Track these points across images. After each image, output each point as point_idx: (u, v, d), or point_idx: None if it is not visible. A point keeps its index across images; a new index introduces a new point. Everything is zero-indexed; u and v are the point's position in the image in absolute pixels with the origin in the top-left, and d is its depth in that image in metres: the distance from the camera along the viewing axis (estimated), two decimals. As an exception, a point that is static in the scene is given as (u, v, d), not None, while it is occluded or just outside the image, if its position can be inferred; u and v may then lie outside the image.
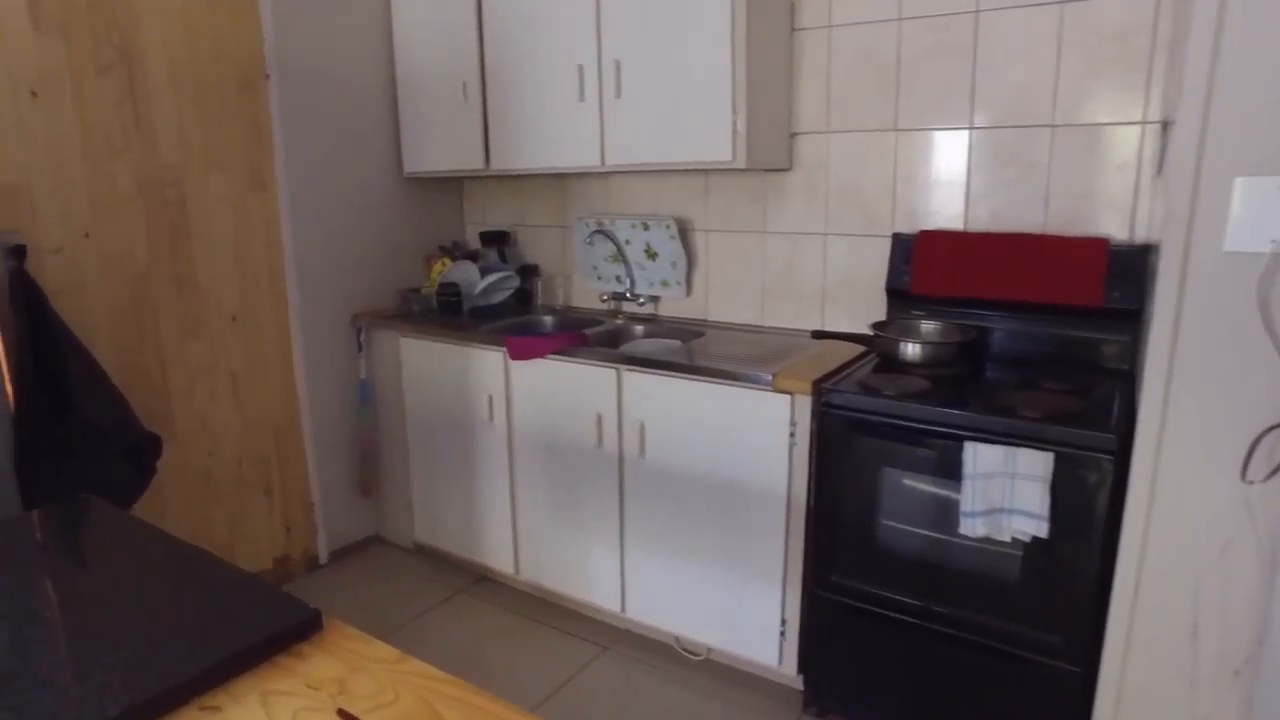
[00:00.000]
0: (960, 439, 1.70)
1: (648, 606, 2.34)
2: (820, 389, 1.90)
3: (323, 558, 2.93)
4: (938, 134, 2.19)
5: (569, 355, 2.34)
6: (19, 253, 2.02)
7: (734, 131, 2.16)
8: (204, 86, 2.41)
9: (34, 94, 2.03)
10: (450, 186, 3.27)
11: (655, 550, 2.27)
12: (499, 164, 2.71)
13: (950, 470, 1.72)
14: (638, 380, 2.21)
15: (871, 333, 2.12)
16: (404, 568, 2.92)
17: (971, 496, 1.67)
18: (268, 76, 2.56)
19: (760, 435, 2.01)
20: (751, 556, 2.09)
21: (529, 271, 3.06)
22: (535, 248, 3.14)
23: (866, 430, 1.84)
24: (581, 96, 2.43)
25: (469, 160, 2.78)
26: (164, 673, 0.89)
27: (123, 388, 2.17)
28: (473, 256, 3.08)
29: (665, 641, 2.42)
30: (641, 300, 2.81)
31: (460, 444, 2.69)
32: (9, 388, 2.05)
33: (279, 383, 2.73)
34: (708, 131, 2.20)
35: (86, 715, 0.82)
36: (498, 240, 3.11)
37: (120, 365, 2.29)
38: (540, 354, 2.39)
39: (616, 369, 2.25)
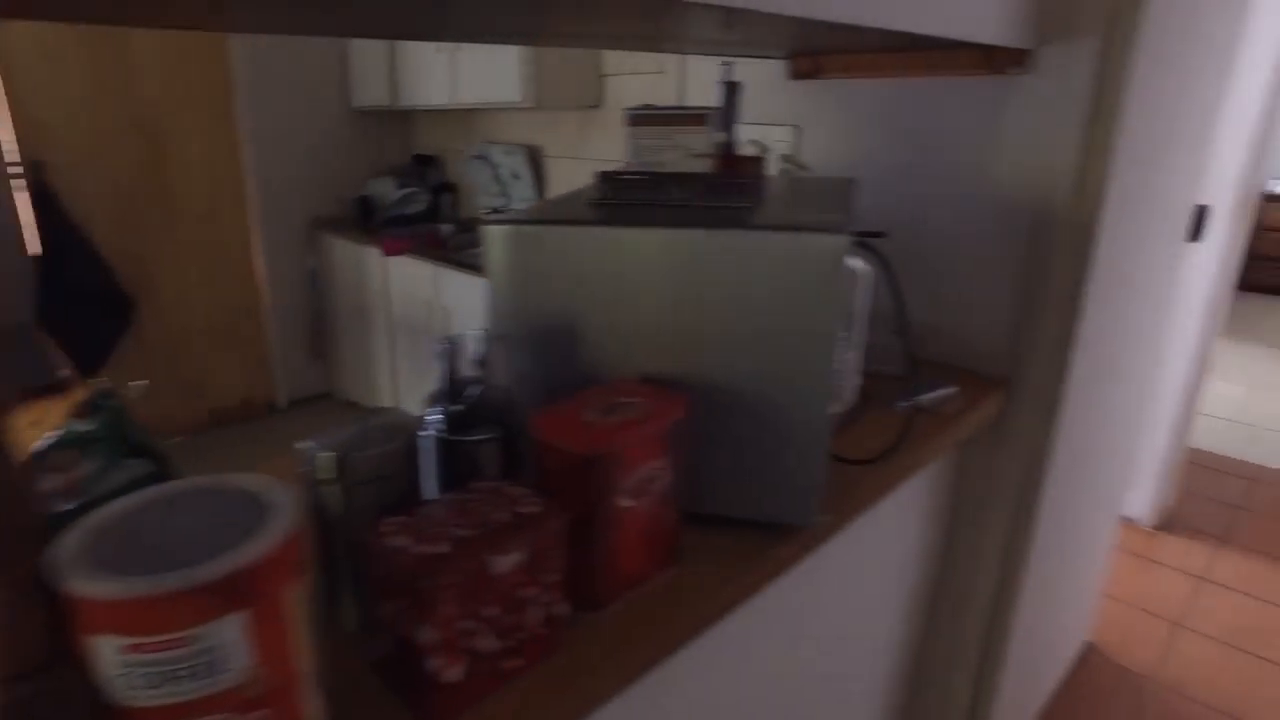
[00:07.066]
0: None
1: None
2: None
3: (282, 404, 3.84)
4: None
5: (422, 255, 3.03)
6: (40, 167, 2.95)
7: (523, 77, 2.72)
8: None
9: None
10: (400, 117, 3.97)
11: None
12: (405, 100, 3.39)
13: None
14: (449, 276, 2.87)
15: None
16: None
17: None
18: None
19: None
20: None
21: (446, 189, 3.74)
22: (458, 170, 3.80)
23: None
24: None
25: (381, 96, 3.47)
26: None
27: (116, 263, 3.08)
28: (406, 174, 3.79)
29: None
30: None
31: (364, 323, 3.47)
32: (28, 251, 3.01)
33: (242, 267, 3.60)
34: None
35: None
36: (425, 162, 3.80)
37: (114, 245, 3.20)
38: (399, 252, 3.10)
39: (435, 266, 2.92)
